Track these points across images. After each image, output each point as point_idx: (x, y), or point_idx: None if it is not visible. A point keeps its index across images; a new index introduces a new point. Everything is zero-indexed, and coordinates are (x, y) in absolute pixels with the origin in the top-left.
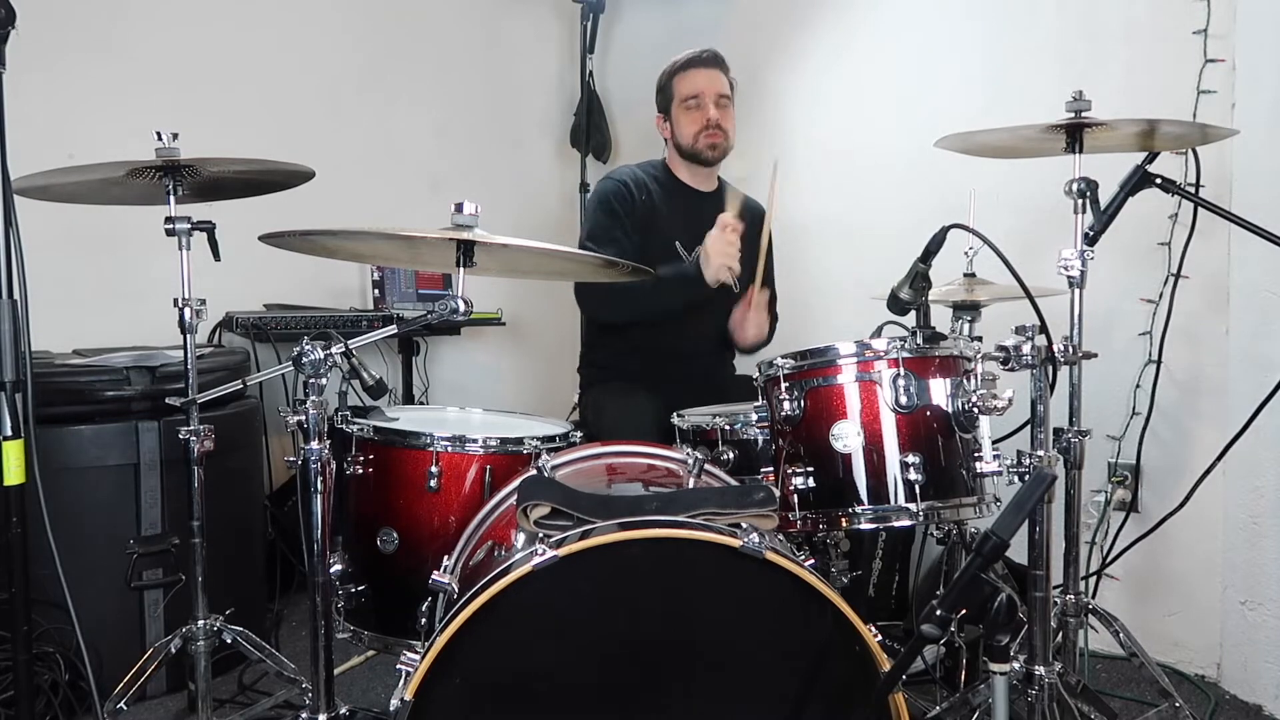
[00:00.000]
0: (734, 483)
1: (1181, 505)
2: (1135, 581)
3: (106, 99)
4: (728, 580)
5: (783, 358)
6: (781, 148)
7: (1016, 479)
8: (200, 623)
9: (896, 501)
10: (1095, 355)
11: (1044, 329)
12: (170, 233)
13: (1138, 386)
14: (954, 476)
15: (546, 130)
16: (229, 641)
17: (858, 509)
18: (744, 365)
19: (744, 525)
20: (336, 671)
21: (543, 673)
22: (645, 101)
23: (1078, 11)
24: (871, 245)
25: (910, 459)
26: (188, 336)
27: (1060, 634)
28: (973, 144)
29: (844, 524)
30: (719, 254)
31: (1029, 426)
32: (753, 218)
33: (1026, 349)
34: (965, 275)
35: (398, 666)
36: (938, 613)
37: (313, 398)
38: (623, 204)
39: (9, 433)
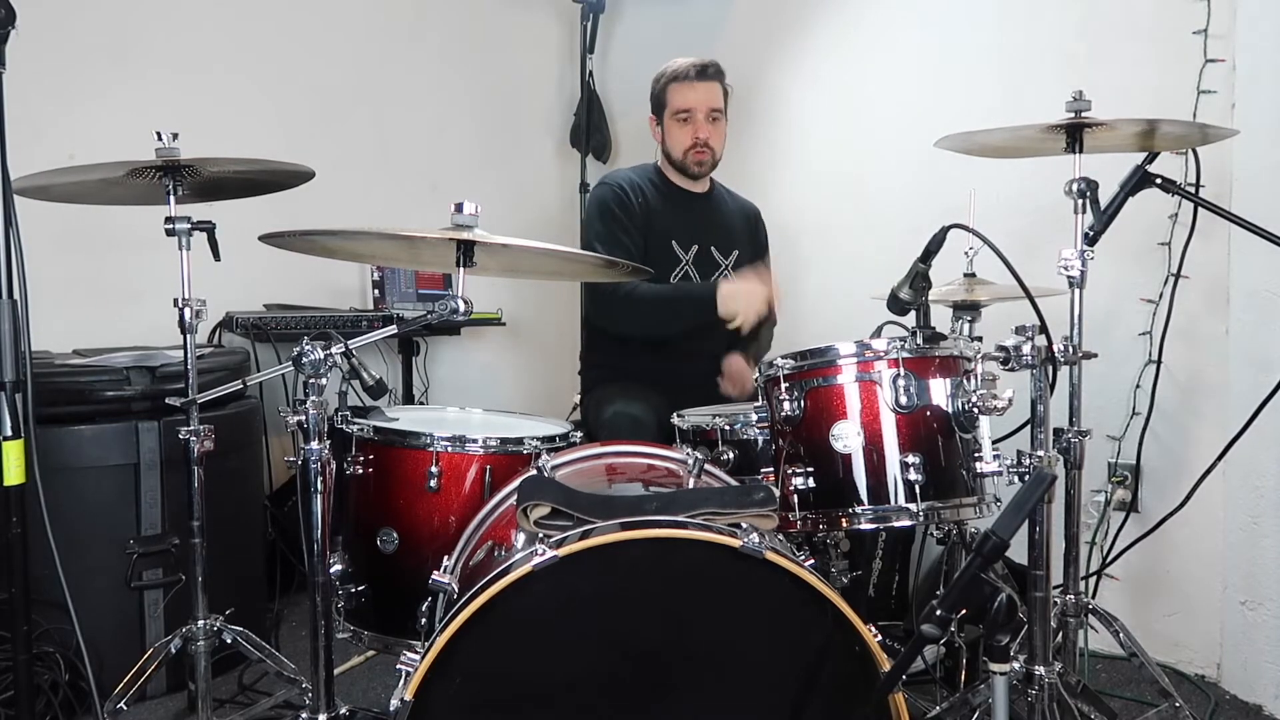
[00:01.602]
0: (734, 483)
1: (1181, 505)
2: (1135, 581)
3: (106, 99)
4: (728, 580)
5: (783, 358)
6: (781, 146)
7: (1016, 479)
8: (200, 623)
9: (896, 501)
10: (1095, 355)
11: (1044, 329)
12: (170, 233)
13: (1138, 386)
14: (954, 476)
15: (546, 130)
16: (229, 641)
17: (858, 509)
18: None
19: (744, 525)
20: (336, 671)
21: (542, 673)
22: (645, 101)
23: (1078, 11)
24: (871, 245)
25: (910, 459)
26: (188, 336)
27: (1060, 634)
28: (973, 144)
29: (844, 524)
30: (751, 304)
31: (1029, 426)
32: (745, 215)
33: (1026, 349)
34: (965, 275)
35: (398, 666)
36: (938, 613)
37: (313, 398)
38: (622, 208)
39: (9, 433)
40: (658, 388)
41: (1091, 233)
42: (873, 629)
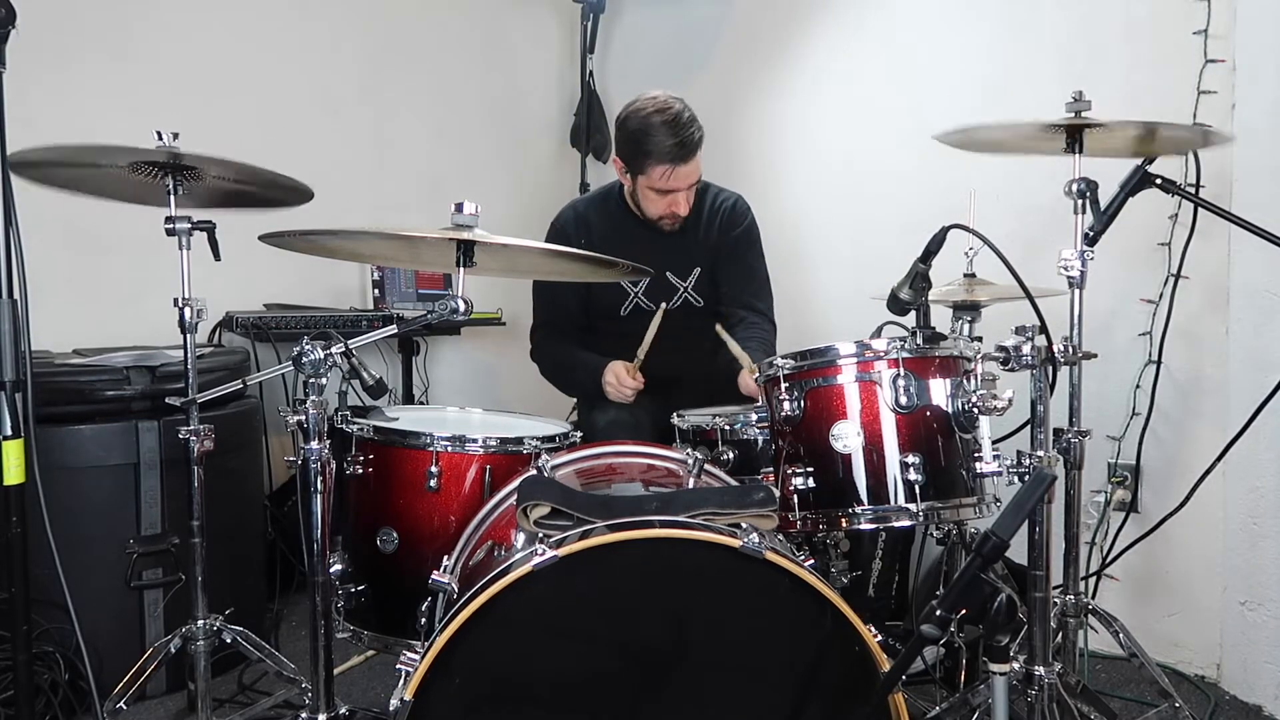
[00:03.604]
0: (734, 483)
1: (1181, 505)
2: (1135, 582)
3: (106, 99)
4: (728, 580)
5: (783, 358)
6: (781, 147)
7: (1016, 479)
8: (200, 622)
9: (896, 502)
10: (1095, 355)
11: (1044, 329)
12: (170, 232)
13: (1138, 387)
14: (954, 477)
15: (546, 130)
16: (229, 641)
17: (858, 509)
18: None
19: (744, 525)
20: (336, 671)
21: (542, 673)
22: None
23: (1078, 11)
24: (871, 245)
25: (910, 459)
26: (188, 336)
27: (1060, 634)
28: (972, 139)
29: (844, 524)
30: (615, 391)
31: (1029, 426)
32: (719, 219)
33: (1026, 349)
34: (965, 275)
35: (397, 666)
36: (938, 613)
37: (313, 398)
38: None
39: (9, 432)
40: (648, 387)
41: (1091, 233)
42: (872, 629)
